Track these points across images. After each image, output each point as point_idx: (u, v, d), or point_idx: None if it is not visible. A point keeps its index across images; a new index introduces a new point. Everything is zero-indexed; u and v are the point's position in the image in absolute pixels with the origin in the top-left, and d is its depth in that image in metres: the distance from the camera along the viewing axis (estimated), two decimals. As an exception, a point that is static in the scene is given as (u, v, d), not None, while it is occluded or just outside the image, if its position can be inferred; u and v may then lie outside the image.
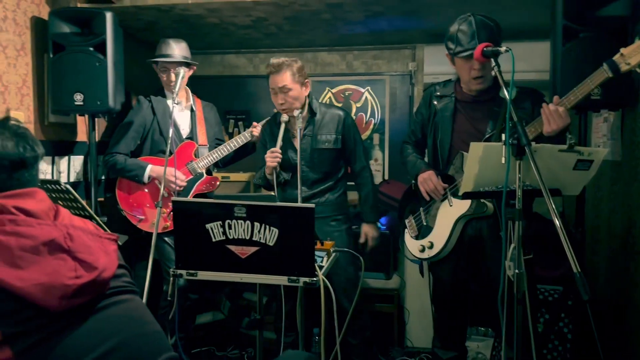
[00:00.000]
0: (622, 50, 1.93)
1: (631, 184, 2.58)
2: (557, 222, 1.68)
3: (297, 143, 2.85)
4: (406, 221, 2.66)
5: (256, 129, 3.08)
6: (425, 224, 2.55)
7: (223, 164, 3.39)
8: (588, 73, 2.45)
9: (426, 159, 2.68)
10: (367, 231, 3.04)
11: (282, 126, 2.80)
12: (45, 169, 2.99)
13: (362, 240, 3.05)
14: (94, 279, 1.09)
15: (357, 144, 2.99)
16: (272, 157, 2.77)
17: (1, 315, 0.99)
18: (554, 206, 1.74)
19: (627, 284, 2.62)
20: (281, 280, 2.03)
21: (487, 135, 2.35)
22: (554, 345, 2.88)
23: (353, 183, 3.06)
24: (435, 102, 2.54)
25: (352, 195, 3.19)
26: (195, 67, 3.19)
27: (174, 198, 2.20)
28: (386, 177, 4.14)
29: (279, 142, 2.77)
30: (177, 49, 3.08)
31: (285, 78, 2.78)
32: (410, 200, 2.67)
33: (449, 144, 2.46)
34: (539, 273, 2.90)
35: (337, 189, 2.99)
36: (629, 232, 2.60)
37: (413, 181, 2.60)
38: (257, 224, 2.01)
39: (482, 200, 2.30)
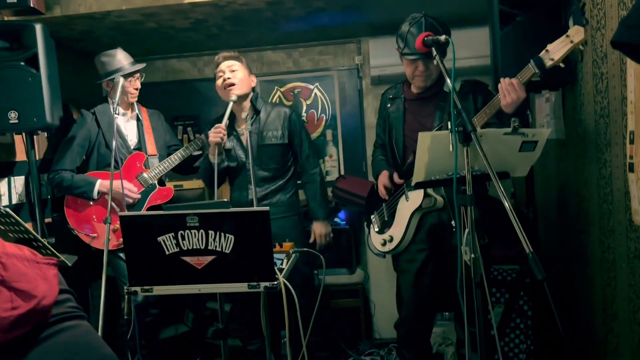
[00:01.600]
0: (548, 46, 2.04)
1: (577, 160, 2.66)
2: (506, 204, 1.70)
3: (244, 140, 2.85)
4: (372, 217, 2.72)
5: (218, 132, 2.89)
6: (386, 219, 2.61)
7: (182, 172, 3.32)
8: (526, 55, 2.52)
9: None
10: (317, 229, 2.99)
11: (230, 105, 2.76)
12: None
13: (311, 239, 3.00)
14: (32, 308, 1.03)
15: (304, 140, 2.98)
16: (216, 133, 2.70)
17: None
18: (502, 189, 1.77)
19: (578, 258, 2.71)
20: (241, 287, 1.99)
21: (434, 129, 2.40)
22: (516, 323, 2.95)
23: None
24: (388, 105, 2.66)
25: (304, 195, 3.16)
26: (143, 75, 3.12)
27: (122, 213, 2.11)
28: (342, 172, 4.14)
29: (225, 120, 2.72)
30: (123, 57, 3.03)
31: (233, 63, 2.83)
32: (376, 196, 2.70)
33: (402, 142, 2.56)
34: (495, 254, 2.96)
35: (287, 188, 2.96)
36: (579, 207, 2.68)
37: (375, 181, 2.70)
38: (211, 233, 1.96)
39: (431, 195, 2.37)
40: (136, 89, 3.05)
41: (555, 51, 2.01)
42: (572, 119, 2.73)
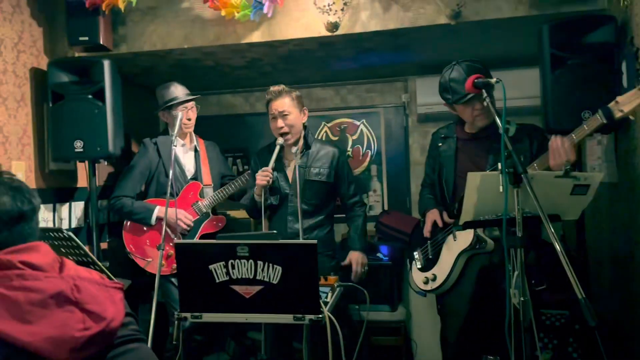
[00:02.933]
0: (618, 97, 1.98)
1: (630, 204, 2.60)
2: (557, 247, 1.69)
3: (289, 173, 2.91)
4: (415, 253, 2.70)
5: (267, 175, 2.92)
6: (431, 257, 2.59)
7: (230, 198, 3.43)
8: (577, 99, 2.53)
9: None
10: (354, 256, 2.97)
11: (277, 148, 2.81)
12: (46, 217, 3.00)
13: (346, 262, 2.96)
14: (102, 330, 1.09)
15: (352, 182, 3.03)
16: (263, 176, 2.76)
17: (12, 372, 0.99)
18: (553, 231, 1.76)
19: (631, 304, 2.61)
20: (287, 318, 2.02)
21: (487, 170, 2.39)
22: (565, 371, 2.85)
23: (343, 215, 3.08)
24: (440, 144, 2.67)
25: (345, 229, 3.18)
26: (198, 107, 3.26)
27: (177, 240, 2.21)
28: (386, 208, 4.15)
29: (272, 163, 2.78)
30: (180, 89, 3.18)
31: (285, 103, 2.84)
32: (420, 233, 2.70)
33: (452, 181, 2.55)
34: (545, 298, 2.89)
35: (325, 225, 2.97)
36: (631, 253, 2.60)
37: (421, 218, 2.69)
38: (260, 263, 2.01)
39: (482, 237, 2.34)
40: (189, 119, 3.18)
41: (626, 103, 1.95)
42: (625, 162, 2.68)
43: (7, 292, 1.04)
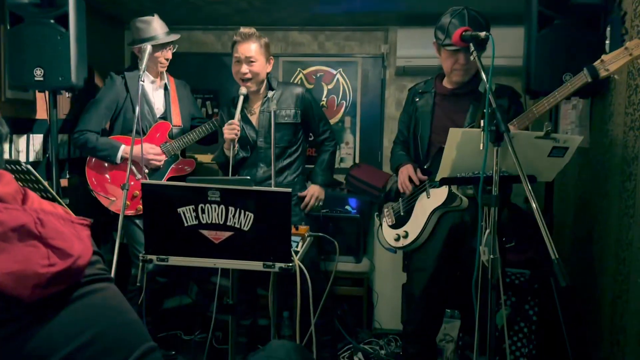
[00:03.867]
0: (603, 56, 1.96)
1: (599, 170, 2.65)
2: (534, 206, 1.70)
3: (254, 120, 2.87)
4: (384, 209, 2.67)
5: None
6: (402, 213, 2.57)
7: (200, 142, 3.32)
8: (560, 61, 2.50)
9: None
10: (312, 189, 2.96)
11: (241, 99, 2.74)
12: (7, 129, 2.83)
13: (303, 193, 2.95)
14: (68, 267, 1.02)
15: (321, 119, 3.02)
16: (230, 129, 2.71)
17: (-32, 308, 0.91)
18: (531, 191, 1.76)
19: (590, 268, 2.70)
20: (256, 265, 1.99)
21: (466, 127, 2.36)
22: (520, 327, 2.95)
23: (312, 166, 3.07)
24: (417, 99, 2.62)
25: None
26: (176, 46, 3.11)
27: (144, 181, 2.11)
28: (357, 161, 4.12)
29: (237, 115, 2.72)
30: (159, 26, 3.01)
31: (252, 48, 2.77)
32: (393, 190, 2.67)
33: (427, 138, 2.52)
34: (507, 257, 2.96)
35: (294, 166, 2.94)
36: (595, 219, 2.67)
37: (393, 174, 2.66)
38: (231, 209, 1.95)
39: (456, 194, 2.33)
40: (167, 59, 3.03)
41: (612, 62, 1.93)
42: (599, 128, 2.70)
43: (-38, 224, 0.95)
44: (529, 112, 2.16)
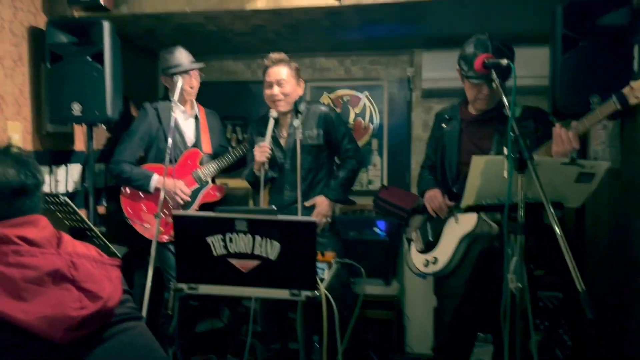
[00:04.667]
0: (632, 83, 1.88)
1: (631, 191, 2.59)
2: (558, 231, 1.67)
3: (284, 142, 2.89)
4: (413, 234, 2.67)
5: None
6: (431, 239, 2.56)
7: (228, 171, 3.40)
8: (586, 82, 2.48)
9: None
10: (322, 205, 2.85)
11: (271, 121, 2.79)
12: (45, 177, 2.97)
13: (309, 202, 2.86)
14: (99, 309, 1.08)
15: (345, 136, 2.95)
16: (261, 152, 2.75)
17: (7, 349, 0.98)
18: (556, 219, 1.74)
19: (626, 292, 2.63)
20: (283, 294, 2.02)
21: (491, 153, 2.35)
22: (554, 353, 2.89)
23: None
24: (443, 125, 2.60)
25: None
26: (201, 75, 3.21)
27: (175, 212, 2.19)
28: (385, 183, 4.13)
29: (268, 137, 2.76)
30: (185, 56, 3.11)
31: (283, 72, 2.81)
32: (419, 213, 2.68)
33: (455, 163, 2.50)
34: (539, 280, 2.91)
35: (319, 188, 2.91)
36: (629, 240, 2.60)
37: (420, 198, 2.65)
38: (258, 238, 2.00)
39: (486, 221, 2.32)
40: (192, 87, 3.13)
41: None
42: (630, 149, 2.65)
43: (2, 269, 1.02)
44: (543, 147, 2.14)
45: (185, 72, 3.06)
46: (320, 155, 2.94)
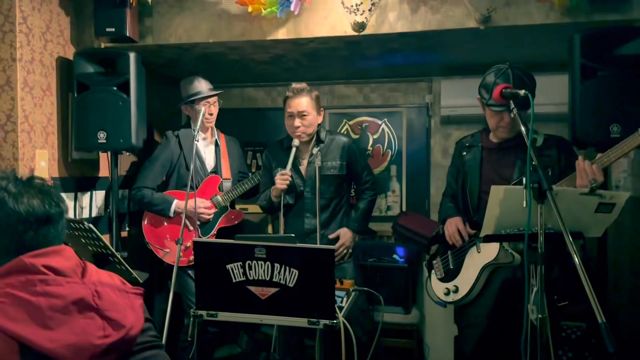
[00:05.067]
0: None
1: (654, 221, 2.55)
2: (577, 261, 1.66)
3: (303, 170, 2.93)
4: (434, 262, 2.66)
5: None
6: (451, 267, 2.54)
7: (246, 197, 3.45)
8: (606, 111, 2.48)
9: None
10: (345, 236, 2.93)
11: (293, 150, 2.82)
12: (67, 205, 3.04)
13: (333, 235, 2.93)
14: (121, 338, 1.10)
15: (364, 169, 3.06)
16: (282, 180, 2.79)
17: (32, 377, 1.00)
18: (575, 249, 1.73)
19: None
20: (301, 322, 2.03)
21: (512, 182, 2.34)
22: (579, 384, 2.82)
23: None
24: (464, 153, 2.61)
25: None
26: (220, 102, 3.29)
27: (195, 238, 2.23)
28: (404, 209, 4.13)
29: (289, 166, 2.79)
30: (204, 83, 3.20)
31: (304, 103, 2.85)
32: (439, 241, 2.66)
33: (477, 191, 2.49)
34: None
35: (339, 217, 2.98)
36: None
37: (441, 225, 2.63)
38: (277, 265, 2.02)
39: (509, 251, 2.30)
40: (210, 114, 3.20)
41: None
42: (652, 177, 2.62)
43: (30, 297, 1.06)
44: (565, 180, 2.13)
45: (204, 99, 3.14)
46: (342, 185, 2.99)
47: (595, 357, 2.83)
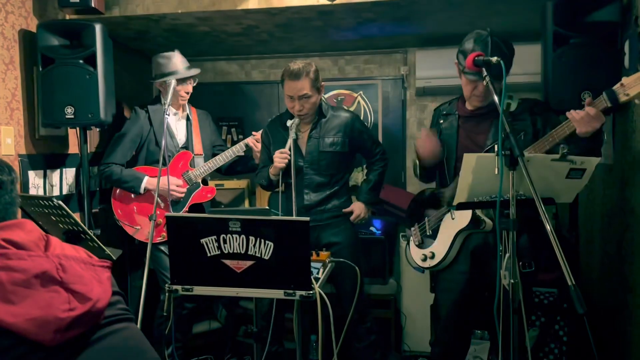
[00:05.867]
0: (623, 79, 1.90)
1: (624, 187, 2.60)
2: (548, 228, 1.68)
3: (302, 145, 2.89)
4: (412, 229, 2.68)
5: (252, 138, 3.11)
6: (428, 233, 2.57)
7: (225, 173, 3.41)
8: (578, 79, 2.49)
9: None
10: (358, 208, 2.97)
11: (294, 128, 2.75)
12: (37, 183, 2.97)
13: (347, 209, 2.97)
14: (87, 310, 1.08)
15: (373, 142, 3.06)
16: (282, 158, 2.75)
17: (-5, 352, 0.97)
18: (546, 214, 1.75)
19: (620, 287, 2.64)
20: (277, 294, 2.03)
21: (486, 148, 2.35)
22: (550, 348, 2.89)
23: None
24: (441, 121, 2.60)
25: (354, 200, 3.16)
26: (196, 80, 3.22)
27: (168, 213, 2.19)
28: (380, 182, 4.13)
29: (289, 143, 2.74)
30: (180, 60, 3.12)
31: (305, 85, 2.73)
32: (417, 208, 2.68)
33: (453, 159, 2.48)
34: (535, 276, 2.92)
35: (341, 193, 2.97)
36: (623, 236, 2.61)
37: (416, 159, 2.60)
38: (252, 238, 2.00)
39: (481, 217, 2.32)
40: (187, 93, 3.14)
41: (632, 86, 1.88)
42: (622, 145, 2.66)
43: (-10, 272, 1.02)
44: (549, 136, 2.13)
45: (183, 81, 3.07)
46: (342, 161, 2.96)
47: (567, 321, 2.91)
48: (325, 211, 2.91)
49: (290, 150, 2.75)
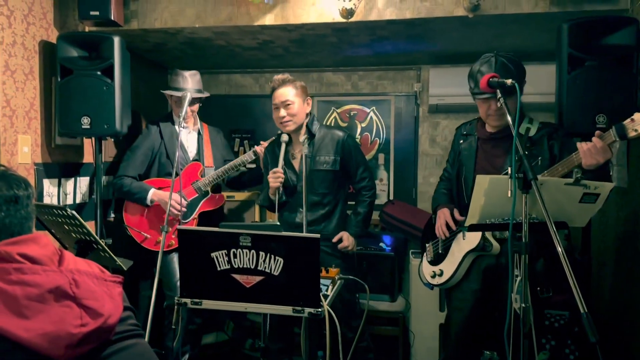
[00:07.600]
0: (635, 115, 1.87)
1: (638, 210, 2.57)
2: (560, 250, 1.66)
3: (296, 164, 2.89)
4: (427, 245, 2.71)
5: (260, 147, 3.13)
6: (440, 251, 2.59)
7: (234, 187, 3.44)
8: (593, 101, 2.48)
9: None
10: (347, 239, 2.89)
11: (283, 146, 2.78)
12: (51, 191, 3.01)
13: (335, 239, 2.88)
14: (99, 326, 1.09)
15: (360, 165, 2.96)
16: (275, 178, 2.76)
17: (7, 366, 0.98)
18: (558, 239, 1.73)
19: (632, 310, 2.60)
20: (286, 310, 2.02)
21: (503, 172, 2.34)
22: (560, 372, 2.85)
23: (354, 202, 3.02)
24: (461, 141, 2.61)
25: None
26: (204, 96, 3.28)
27: (180, 226, 2.21)
28: (391, 197, 4.13)
29: (281, 162, 2.76)
30: (191, 82, 3.18)
31: (288, 92, 2.80)
32: (433, 227, 2.67)
33: (471, 180, 2.46)
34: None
35: (334, 215, 2.94)
36: (635, 259, 2.58)
37: (432, 215, 2.66)
38: (262, 254, 2.00)
39: (488, 240, 2.32)
40: (192, 111, 3.22)
41: None
42: (636, 168, 2.64)
43: (5, 286, 1.03)
44: (559, 165, 2.13)
45: (193, 103, 3.15)
46: (336, 181, 2.93)
47: (577, 345, 2.87)
48: (316, 232, 2.86)
49: (283, 166, 2.77)
